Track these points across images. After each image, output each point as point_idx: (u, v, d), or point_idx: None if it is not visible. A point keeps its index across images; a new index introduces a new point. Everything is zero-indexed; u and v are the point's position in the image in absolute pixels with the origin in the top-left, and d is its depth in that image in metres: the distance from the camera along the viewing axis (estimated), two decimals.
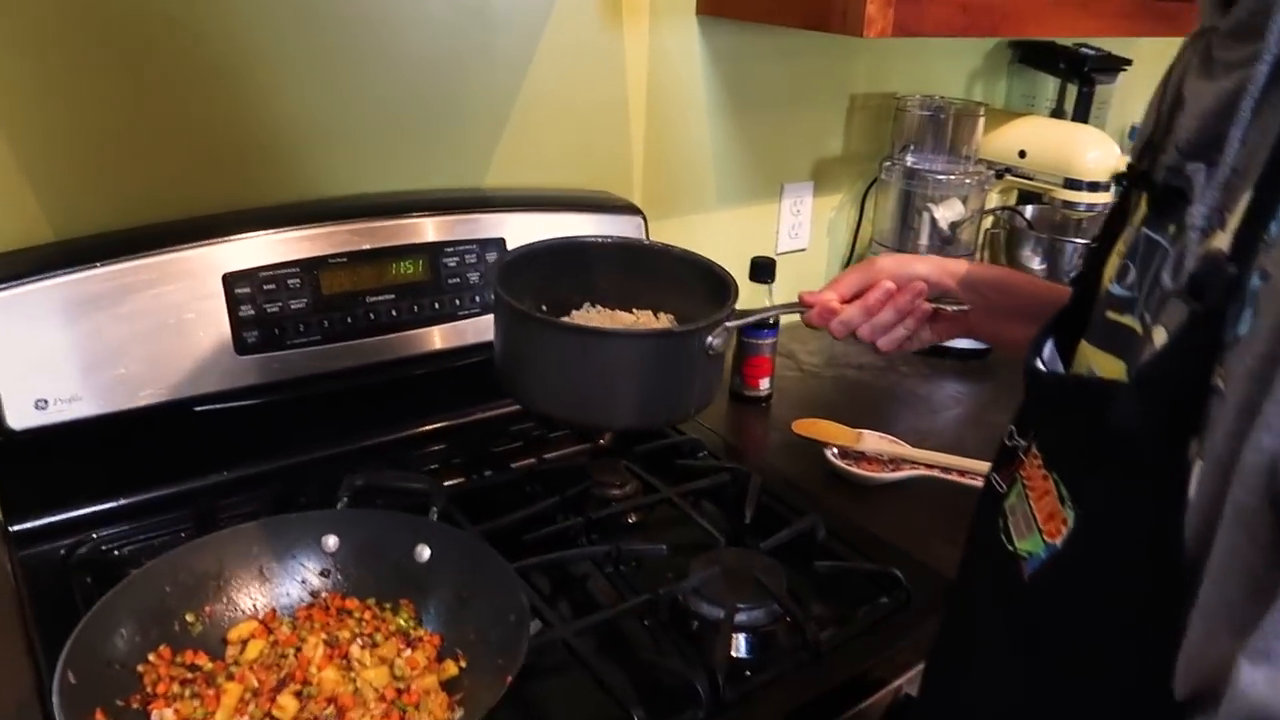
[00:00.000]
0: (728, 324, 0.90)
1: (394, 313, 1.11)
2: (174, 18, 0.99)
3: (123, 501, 1.03)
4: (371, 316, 1.09)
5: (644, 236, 1.29)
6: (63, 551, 0.97)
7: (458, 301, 1.15)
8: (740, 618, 0.92)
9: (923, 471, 1.18)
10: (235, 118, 1.07)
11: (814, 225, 1.64)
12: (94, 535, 1.00)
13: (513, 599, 0.78)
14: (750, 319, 0.95)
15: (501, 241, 1.17)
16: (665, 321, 1.02)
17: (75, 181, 1.00)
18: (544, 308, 0.99)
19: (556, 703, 0.81)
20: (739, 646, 0.91)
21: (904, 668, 0.92)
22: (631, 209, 1.29)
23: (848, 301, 0.91)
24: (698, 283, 1.00)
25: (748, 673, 0.87)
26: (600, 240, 1.06)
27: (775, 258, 1.58)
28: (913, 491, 1.17)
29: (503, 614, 0.79)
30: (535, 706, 0.79)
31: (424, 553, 0.86)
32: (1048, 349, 0.65)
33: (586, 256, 1.03)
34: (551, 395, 0.91)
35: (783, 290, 1.35)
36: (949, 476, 1.17)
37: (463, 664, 0.80)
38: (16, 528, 0.99)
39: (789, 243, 1.62)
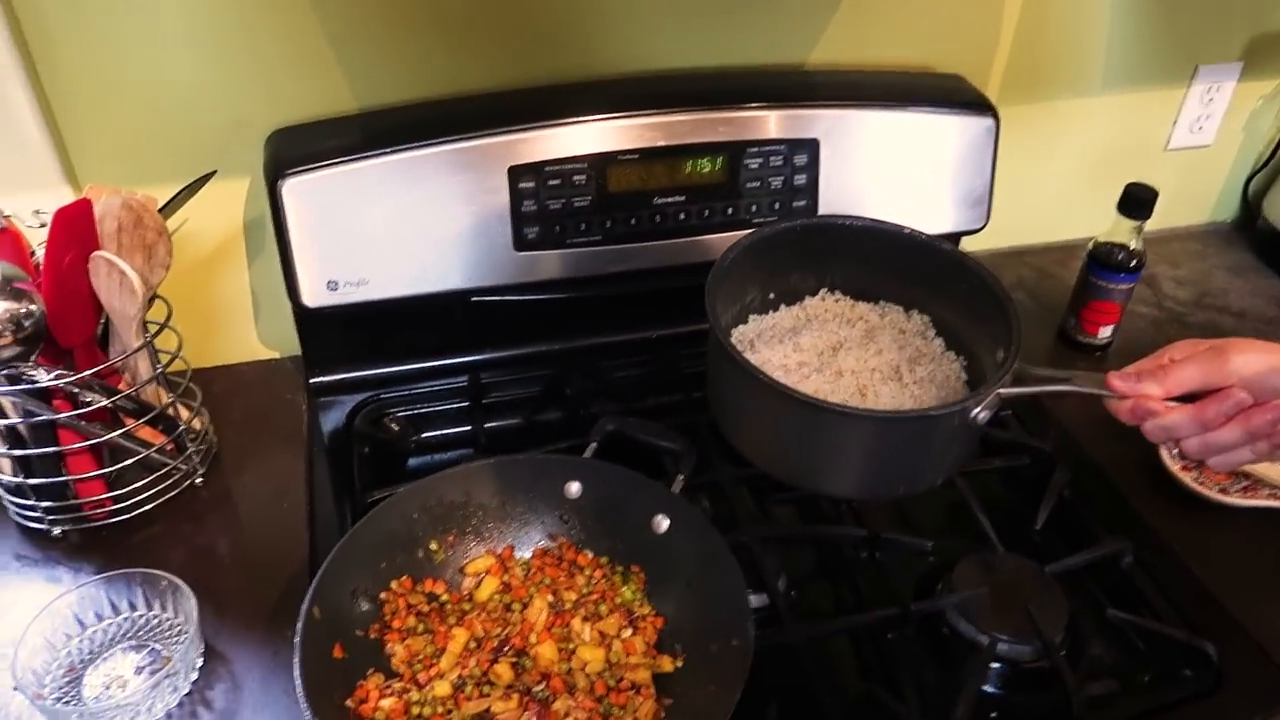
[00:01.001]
0: (1001, 392, 0.72)
1: (683, 216, 1.01)
2: None
3: (403, 367, 1.07)
4: (658, 219, 1.00)
5: (992, 142, 1.06)
6: (350, 412, 1.03)
7: (754, 207, 1.02)
8: (1001, 648, 0.81)
9: None
10: None
11: (1227, 118, 1.29)
12: (379, 395, 1.06)
13: (738, 621, 0.72)
14: (1028, 391, 0.74)
15: (814, 144, 1.01)
16: (916, 324, 0.87)
17: (376, 50, 0.95)
18: (771, 295, 0.88)
19: (767, 717, 0.76)
20: (989, 678, 0.81)
21: None
22: (981, 107, 1.06)
23: (1176, 399, 0.69)
24: (968, 292, 0.83)
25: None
26: (852, 223, 0.88)
27: (1165, 154, 1.30)
28: (1269, 527, 0.94)
29: (726, 630, 0.73)
30: (742, 716, 0.68)
31: (663, 524, 0.82)
32: None
33: (832, 238, 0.88)
34: (763, 451, 0.80)
35: (1169, 191, 1.07)
36: None
37: (679, 664, 0.76)
38: (315, 381, 1.06)
39: (1186, 138, 1.29)
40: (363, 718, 0.71)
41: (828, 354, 0.84)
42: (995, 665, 0.81)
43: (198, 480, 0.95)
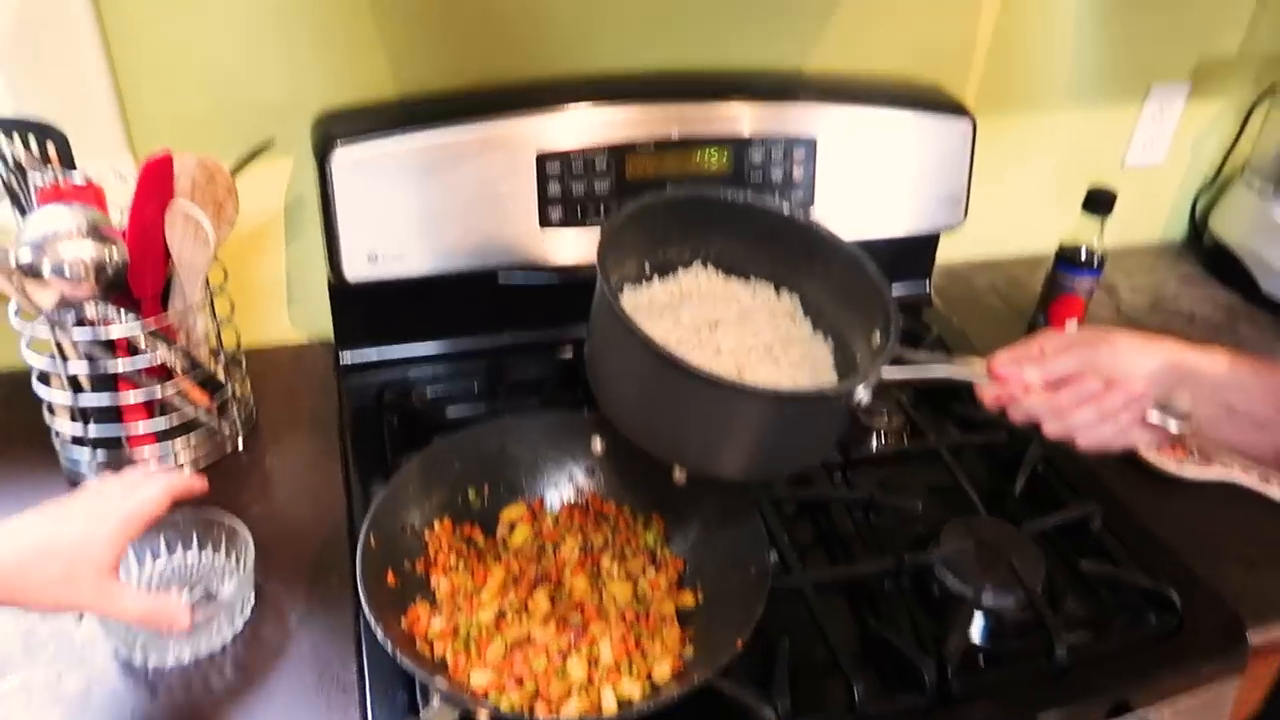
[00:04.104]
0: (882, 373, 0.76)
1: None
2: None
3: (431, 348, 1.14)
4: None
5: (969, 144, 1.17)
6: (378, 389, 1.10)
7: None
8: (985, 599, 0.89)
9: (1238, 477, 1.04)
10: None
11: (1176, 137, 1.42)
12: (407, 375, 1.13)
13: (757, 553, 0.80)
14: (906, 375, 0.78)
15: (812, 143, 1.10)
16: (787, 303, 0.89)
17: (419, 42, 1.04)
18: (646, 267, 0.88)
19: (780, 650, 0.82)
20: (977, 628, 0.89)
21: (1154, 698, 0.86)
22: (959, 110, 1.17)
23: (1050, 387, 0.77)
24: (842, 274, 0.87)
25: (980, 664, 0.86)
26: (732, 199, 0.89)
27: (1121, 171, 1.42)
28: (1221, 497, 1.04)
29: (744, 562, 0.81)
30: (757, 651, 0.78)
31: (681, 475, 0.89)
32: None
33: (712, 213, 0.89)
34: (634, 418, 0.79)
35: (1116, 222, 1.19)
36: (1270, 490, 1.03)
37: (700, 598, 0.84)
38: (346, 360, 1.12)
39: (1141, 155, 1.41)
40: (415, 636, 0.77)
41: (705, 331, 0.85)
42: (980, 616, 0.89)
43: (239, 445, 1.01)
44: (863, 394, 0.76)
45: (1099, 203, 1.17)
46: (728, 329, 0.85)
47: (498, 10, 1.05)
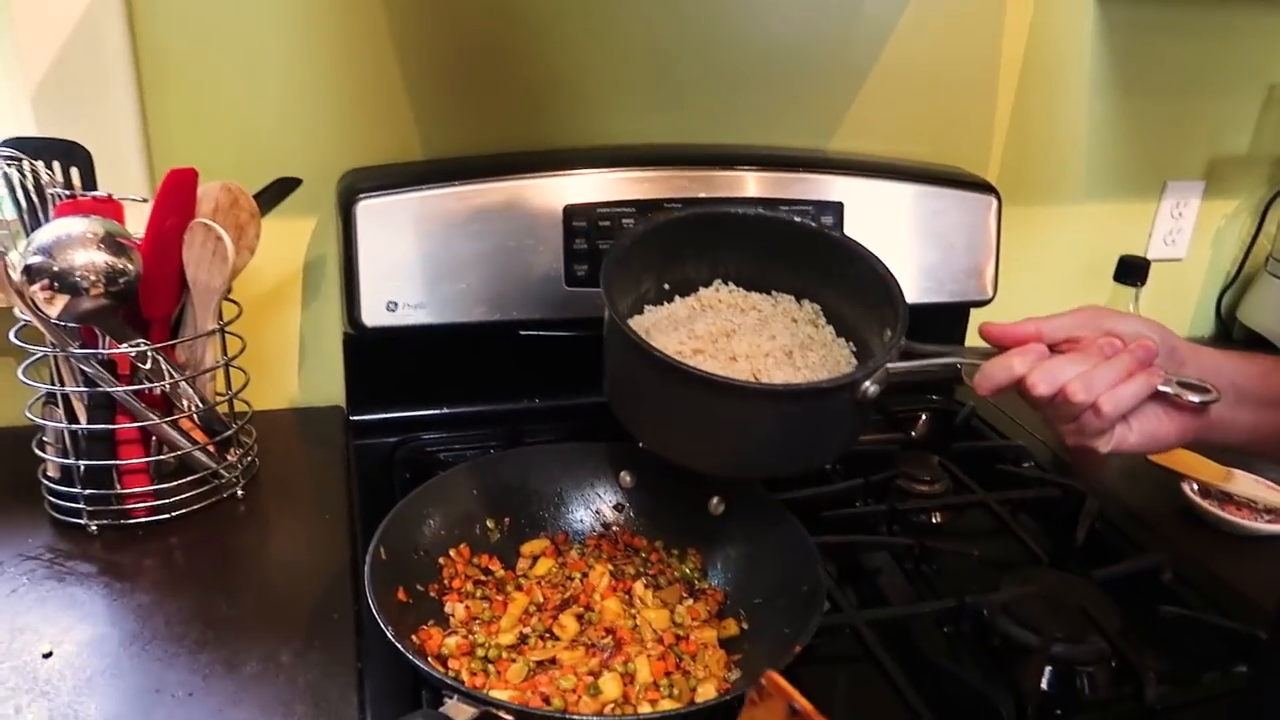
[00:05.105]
0: (889, 366, 0.73)
1: None
2: None
3: (446, 410, 1.10)
4: None
5: (995, 220, 1.17)
6: (389, 446, 1.04)
7: None
8: (1055, 648, 0.80)
9: None
10: (593, 63, 1.08)
11: (1196, 233, 1.42)
12: (419, 436, 1.07)
13: (808, 569, 0.73)
14: (915, 365, 0.74)
15: (839, 206, 1.10)
16: (808, 311, 0.88)
17: (446, 110, 1.06)
18: (666, 286, 0.88)
19: (838, 691, 0.74)
20: (1046, 679, 0.79)
21: None
22: (985, 187, 1.17)
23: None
24: (856, 278, 0.85)
25: (1057, 713, 0.76)
26: (743, 213, 0.90)
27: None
28: None
29: (794, 583, 0.73)
30: (814, 690, 0.69)
31: (718, 506, 0.83)
32: None
33: (725, 229, 0.89)
34: (656, 433, 0.78)
35: (1150, 300, 1.18)
36: None
37: (744, 625, 0.75)
38: (356, 418, 1.07)
39: (1162, 249, 1.41)
40: (428, 653, 0.68)
41: (721, 340, 0.84)
42: (1050, 667, 0.80)
43: (238, 492, 0.95)
44: (870, 387, 0.73)
45: (1131, 270, 1.16)
46: (743, 336, 0.84)
47: (521, 81, 1.07)
